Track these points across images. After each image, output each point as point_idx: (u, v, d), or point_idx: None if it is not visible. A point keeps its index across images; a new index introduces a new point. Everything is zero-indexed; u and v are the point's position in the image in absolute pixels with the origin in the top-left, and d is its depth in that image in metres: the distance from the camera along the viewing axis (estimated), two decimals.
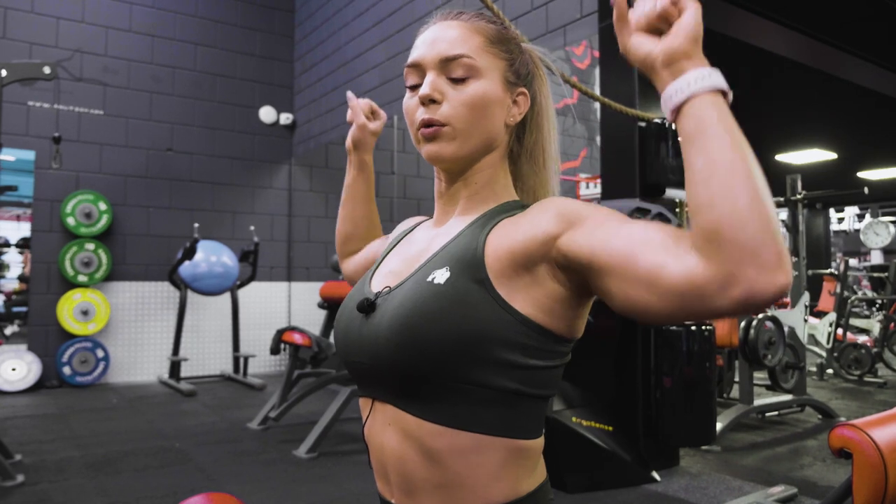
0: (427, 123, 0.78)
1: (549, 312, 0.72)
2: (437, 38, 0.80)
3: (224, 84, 6.75)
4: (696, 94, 0.60)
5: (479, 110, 0.78)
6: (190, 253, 5.64)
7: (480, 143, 0.80)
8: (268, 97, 6.99)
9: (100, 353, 5.91)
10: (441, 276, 0.73)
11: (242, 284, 6.35)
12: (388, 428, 0.76)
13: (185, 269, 5.86)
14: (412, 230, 0.92)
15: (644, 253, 0.61)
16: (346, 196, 1.12)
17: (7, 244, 6.33)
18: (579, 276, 0.69)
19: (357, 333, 0.79)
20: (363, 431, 0.81)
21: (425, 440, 0.73)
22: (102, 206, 5.97)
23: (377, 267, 0.88)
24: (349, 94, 1.10)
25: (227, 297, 6.39)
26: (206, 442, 3.95)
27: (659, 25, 0.63)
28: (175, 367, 5.92)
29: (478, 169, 0.82)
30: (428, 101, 0.78)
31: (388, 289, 0.79)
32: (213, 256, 6.01)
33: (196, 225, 5.96)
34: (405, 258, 0.84)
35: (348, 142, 1.09)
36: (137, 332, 6.23)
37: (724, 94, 0.61)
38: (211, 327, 6.55)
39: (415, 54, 0.81)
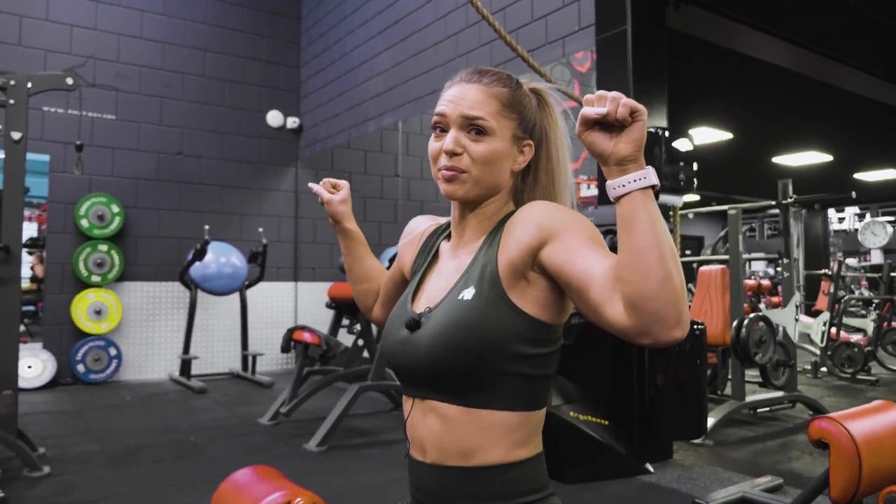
0: (448, 168, 0.99)
1: (545, 307, 0.93)
2: (461, 98, 0.99)
3: (232, 89, 6.92)
4: (633, 191, 0.80)
5: (490, 164, 0.98)
6: (201, 254, 5.81)
7: (488, 186, 1.00)
8: (275, 102, 7.16)
9: (112, 352, 6.09)
10: (469, 293, 0.95)
11: (251, 285, 6.51)
12: (428, 415, 0.97)
13: (196, 269, 6.02)
14: (435, 247, 1.12)
15: (593, 287, 0.83)
16: (349, 261, 1.29)
17: None
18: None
19: (404, 345, 1.00)
20: (405, 425, 1.02)
21: (462, 420, 0.94)
22: (115, 208, 6.15)
23: (415, 289, 1.08)
24: (310, 184, 1.29)
25: (235, 296, 6.55)
26: (219, 436, 4.12)
27: (613, 123, 0.82)
28: (186, 365, 6.08)
29: (487, 204, 1.03)
30: (451, 154, 0.98)
31: (428, 309, 1.00)
32: (222, 257, 6.17)
33: (207, 227, 6.13)
34: (436, 282, 1.05)
35: (330, 220, 1.28)
36: (148, 331, 6.40)
37: (654, 186, 0.81)
38: (220, 326, 6.72)
39: (441, 107, 1.00)
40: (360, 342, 4.57)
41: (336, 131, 6.60)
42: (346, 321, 4.92)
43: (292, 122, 7.19)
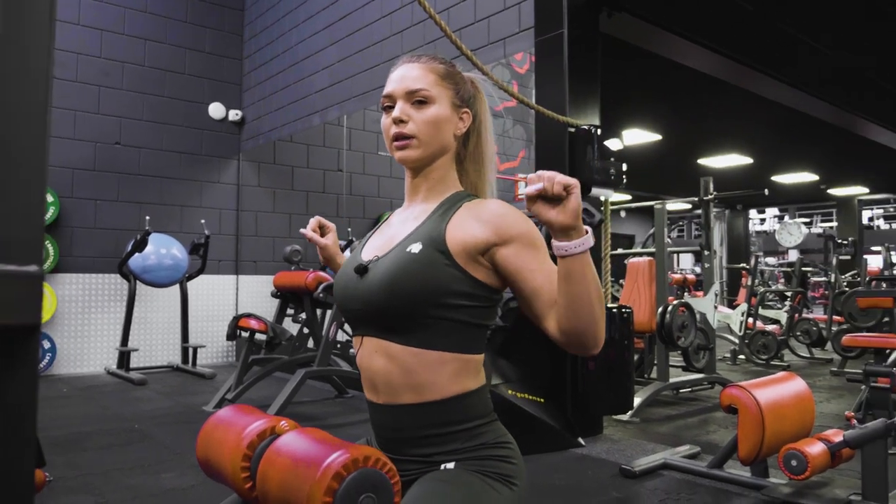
0: (399, 136, 1.14)
1: (488, 275, 1.09)
2: (403, 77, 1.16)
3: (173, 79, 6.85)
4: (574, 253, 0.99)
5: (434, 126, 1.14)
6: (141, 245, 5.75)
7: (436, 148, 1.16)
8: (217, 94, 7.12)
9: (46, 345, 5.95)
10: (416, 248, 1.09)
11: (192, 277, 6.47)
12: (375, 354, 1.11)
13: (135, 261, 5.96)
14: (384, 218, 1.28)
15: (537, 301, 1.05)
16: None
17: None
18: None
19: (354, 289, 1.14)
20: (357, 361, 1.16)
21: (404, 358, 1.08)
22: (49, 197, 6.01)
23: (364, 244, 1.23)
24: (301, 230, 1.41)
25: (175, 289, 6.50)
26: (165, 423, 4.14)
27: (553, 199, 0.98)
28: (124, 357, 6.01)
29: (434, 168, 1.18)
30: (398, 122, 1.14)
31: (376, 257, 1.14)
32: (162, 249, 6.12)
33: (147, 218, 6.07)
34: (386, 237, 1.19)
35: (321, 261, 1.44)
36: (84, 323, 6.28)
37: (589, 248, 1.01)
38: (159, 319, 6.65)
39: (388, 88, 1.17)
40: (305, 330, 4.66)
41: (279, 124, 6.64)
42: (290, 310, 5.00)
43: (234, 114, 7.17)
